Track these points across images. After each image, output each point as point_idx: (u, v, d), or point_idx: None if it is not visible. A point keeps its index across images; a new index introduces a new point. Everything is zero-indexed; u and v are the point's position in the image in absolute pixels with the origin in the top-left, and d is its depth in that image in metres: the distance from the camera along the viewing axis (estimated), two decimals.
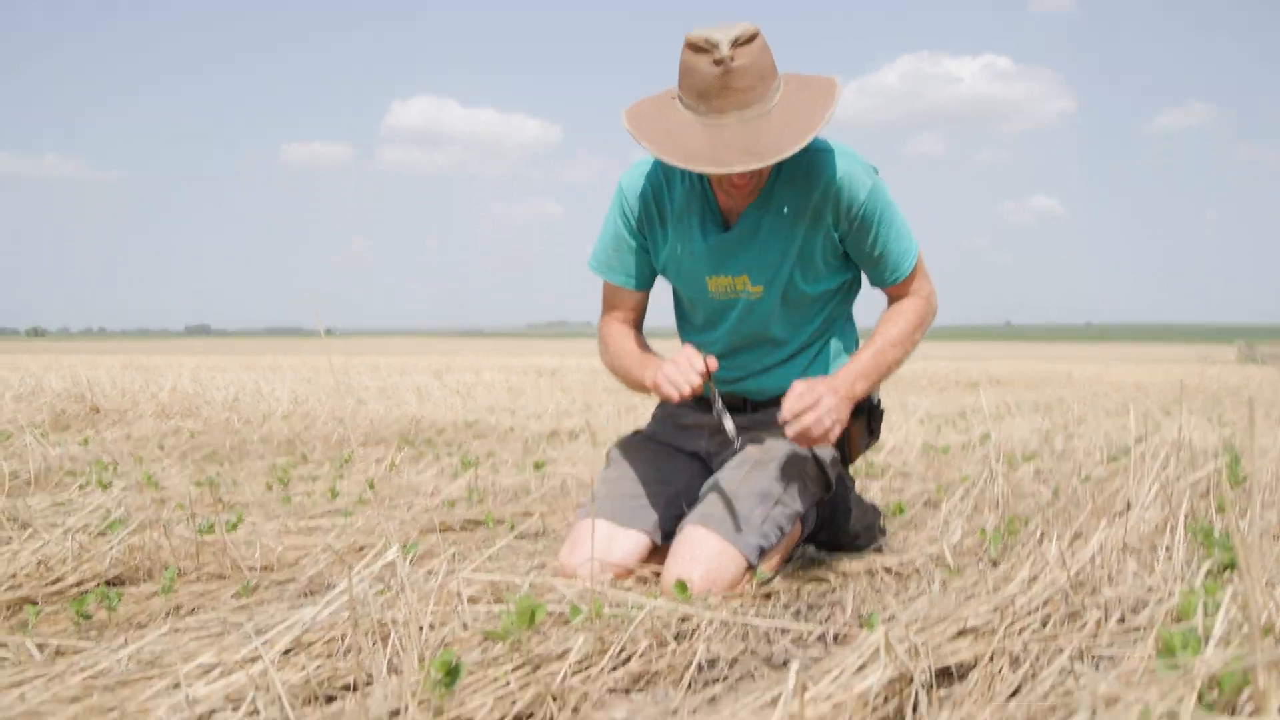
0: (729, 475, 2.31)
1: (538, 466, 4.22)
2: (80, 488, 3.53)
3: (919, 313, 2.38)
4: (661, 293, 2.55)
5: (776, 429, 2.39)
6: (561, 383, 12.35)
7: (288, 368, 15.87)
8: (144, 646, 1.68)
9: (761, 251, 2.28)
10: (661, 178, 2.35)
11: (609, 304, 2.51)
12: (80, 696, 1.44)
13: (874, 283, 2.41)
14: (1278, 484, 3.22)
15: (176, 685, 1.45)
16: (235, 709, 1.41)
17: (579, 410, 7.85)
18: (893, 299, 2.41)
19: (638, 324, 2.53)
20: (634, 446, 2.54)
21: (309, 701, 1.49)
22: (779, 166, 2.20)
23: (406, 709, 1.30)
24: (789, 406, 2.15)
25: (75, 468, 4.11)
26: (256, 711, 1.41)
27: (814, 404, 2.14)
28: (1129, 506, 2.72)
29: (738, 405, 2.47)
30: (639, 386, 2.35)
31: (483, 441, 5.63)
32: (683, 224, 2.33)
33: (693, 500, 2.35)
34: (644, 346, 2.46)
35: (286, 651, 1.63)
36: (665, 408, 2.60)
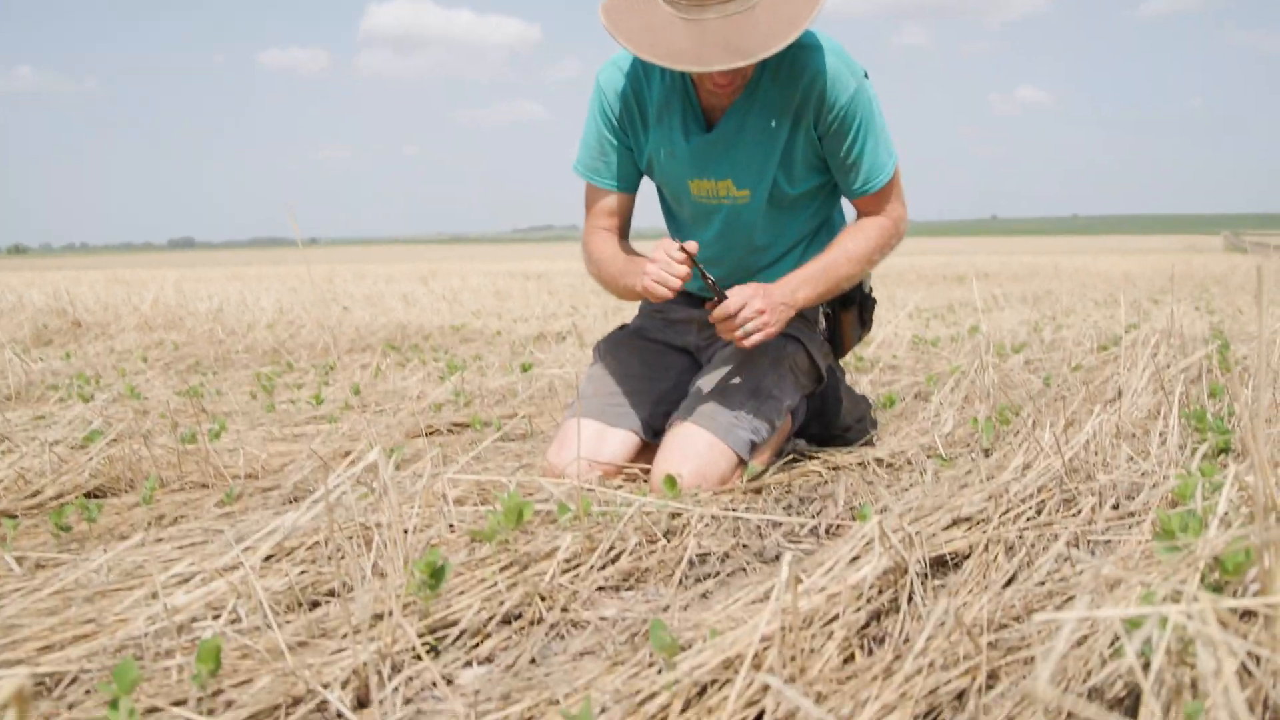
0: (718, 370, 2.26)
1: (525, 368, 4.17)
2: (60, 401, 3.48)
3: (883, 233, 2.27)
4: (650, 195, 2.46)
5: None
6: (548, 286, 12.29)
7: (273, 277, 15.75)
8: (124, 557, 1.64)
9: (745, 154, 2.19)
10: (640, 73, 2.24)
11: (593, 209, 2.38)
12: (57, 609, 1.41)
13: (844, 192, 2.31)
14: (1267, 367, 3.20)
15: (155, 595, 1.42)
16: (216, 617, 1.38)
17: (566, 313, 7.80)
18: (861, 213, 2.31)
19: (623, 229, 2.41)
20: (621, 343, 2.48)
21: (292, 608, 1.46)
22: (764, 63, 2.09)
23: (390, 613, 1.27)
24: (735, 300, 2.09)
25: (57, 382, 4.06)
26: (238, 619, 1.38)
27: (739, 308, 2.08)
28: (1120, 394, 2.69)
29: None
30: (629, 293, 2.26)
31: (469, 346, 5.58)
32: (663, 123, 2.23)
33: (682, 397, 2.31)
34: (629, 252, 2.35)
35: (268, 558, 1.60)
36: (653, 304, 2.54)
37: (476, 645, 1.35)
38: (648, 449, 2.31)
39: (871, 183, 2.22)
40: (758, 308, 2.07)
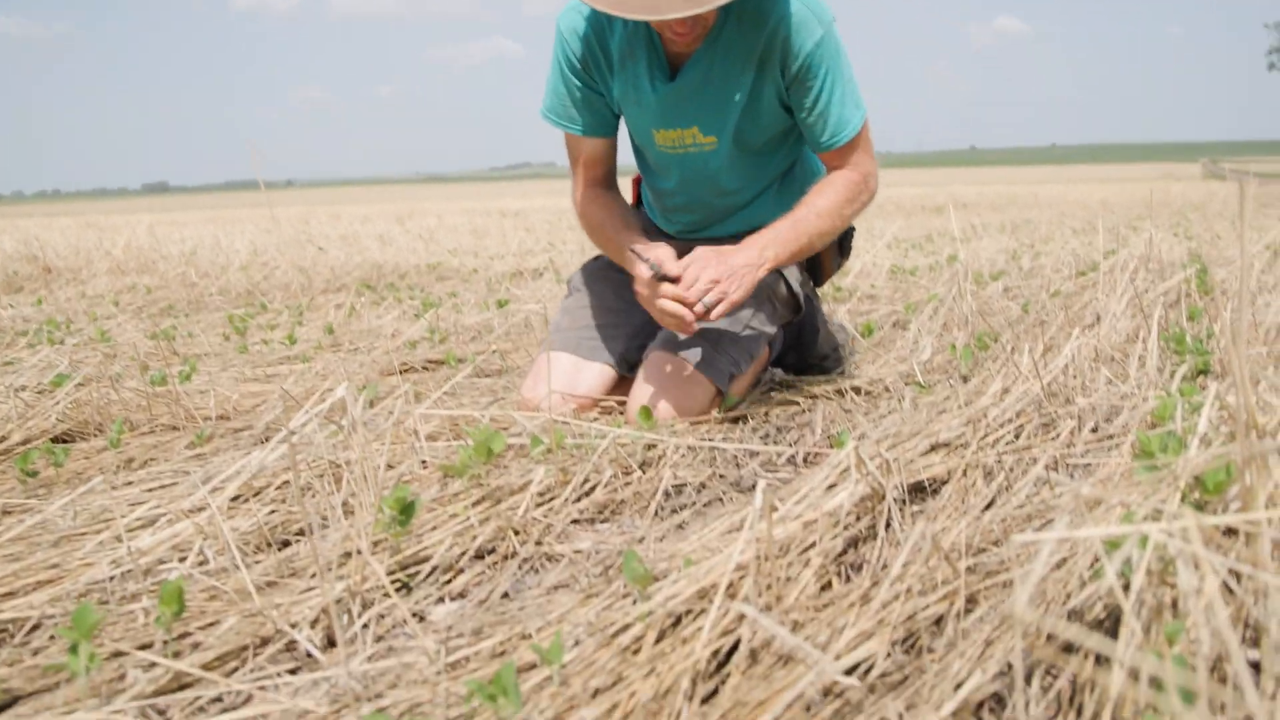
0: None
1: (500, 305, 4.13)
2: (29, 346, 3.42)
3: (853, 188, 2.16)
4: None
5: None
6: (525, 223, 12.17)
7: (248, 220, 15.56)
8: (89, 501, 1.61)
9: (711, 102, 2.11)
10: (602, 18, 2.13)
11: (575, 160, 2.30)
12: (20, 555, 1.38)
13: (811, 145, 2.20)
14: (1246, 287, 3.18)
15: (119, 538, 1.39)
16: (182, 559, 1.35)
17: (543, 249, 7.73)
18: (829, 169, 2.21)
19: (608, 176, 2.34)
20: (596, 275, 2.43)
21: (261, 548, 1.43)
22: (727, 9, 1.99)
23: (359, 551, 1.24)
24: (686, 276, 1.96)
25: (26, 328, 3.99)
26: (205, 561, 1.35)
27: (701, 272, 1.95)
28: (1099, 318, 2.68)
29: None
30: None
31: (445, 283, 5.52)
32: (627, 70, 2.14)
33: (658, 329, 2.27)
34: (619, 214, 2.27)
35: (236, 498, 1.57)
36: None
37: (449, 581, 1.33)
38: (624, 382, 2.28)
39: (839, 135, 2.11)
40: (711, 277, 1.95)
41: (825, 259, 2.41)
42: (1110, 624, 0.96)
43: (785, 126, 2.20)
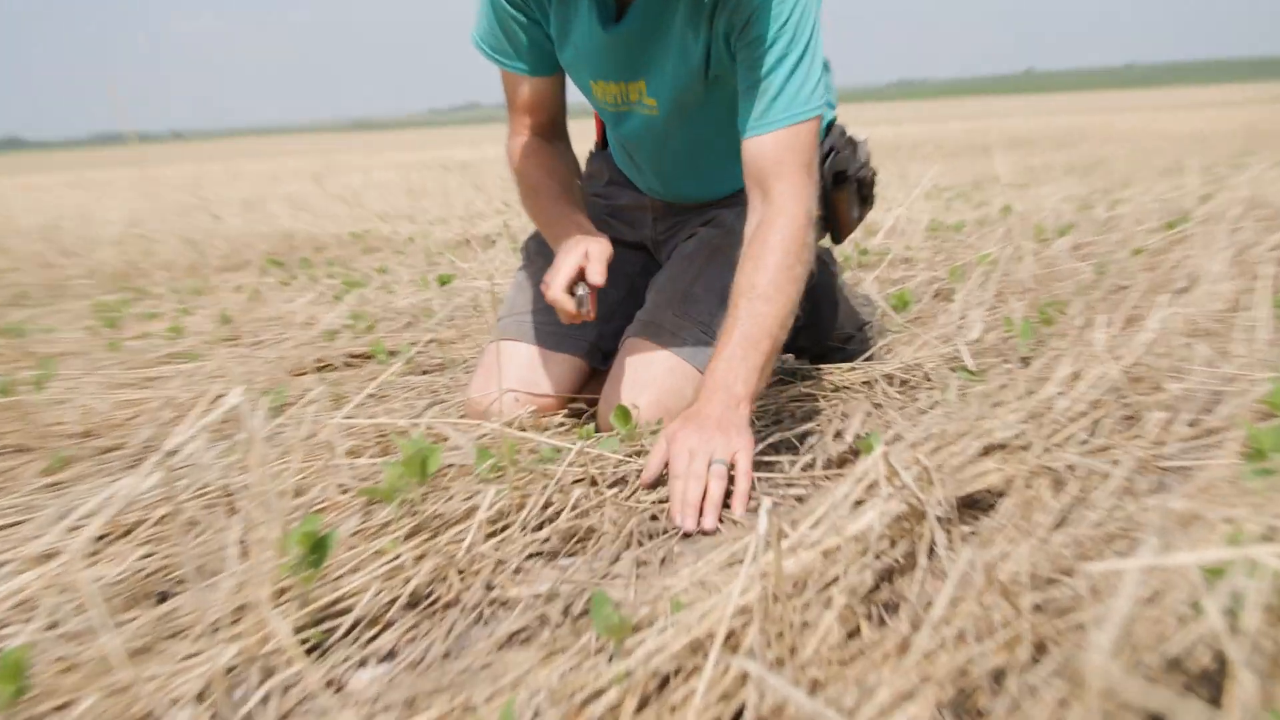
0: (678, 271, 2.21)
1: (443, 282, 4.12)
2: None
3: (794, 237, 1.90)
4: None
5: (734, 206, 2.28)
6: (474, 178, 12.16)
7: (124, 182, 15.53)
8: None
9: (655, 56, 2.06)
10: None
11: (512, 102, 2.27)
12: None
13: (740, 129, 1.99)
14: None
15: None
16: (27, 622, 1.32)
17: (495, 211, 7.72)
18: (753, 189, 1.99)
19: (553, 124, 2.31)
20: None
21: (134, 603, 1.41)
22: None
23: (255, 604, 1.21)
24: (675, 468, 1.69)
25: None
26: (57, 623, 1.32)
27: (687, 468, 1.68)
28: (1194, 281, 2.67)
29: (689, 209, 2.37)
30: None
31: (374, 256, 5.52)
32: (568, 5, 2.11)
33: (637, 307, 2.25)
34: (560, 185, 2.21)
35: (101, 539, 1.55)
36: (592, 186, 2.47)
37: (373, 638, 1.32)
38: (596, 376, 2.26)
39: (777, 118, 1.93)
40: (699, 456, 1.69)
41: (842, 211, 2.38)
42: (1219, 674, 0.94)
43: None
